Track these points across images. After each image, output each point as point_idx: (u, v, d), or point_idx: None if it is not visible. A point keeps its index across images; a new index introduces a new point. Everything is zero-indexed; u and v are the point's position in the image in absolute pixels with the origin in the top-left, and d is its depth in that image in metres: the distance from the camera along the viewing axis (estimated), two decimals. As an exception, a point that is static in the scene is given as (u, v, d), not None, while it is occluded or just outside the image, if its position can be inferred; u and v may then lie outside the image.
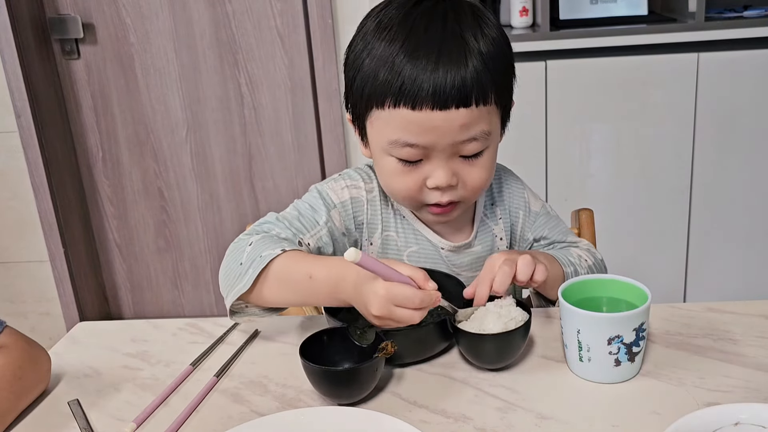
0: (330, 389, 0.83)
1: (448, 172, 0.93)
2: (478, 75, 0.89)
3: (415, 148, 0.92)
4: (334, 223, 1.03)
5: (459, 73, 0.88)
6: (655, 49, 2.11)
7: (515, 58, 0.99)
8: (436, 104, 0.88)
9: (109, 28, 2.34)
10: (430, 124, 0.89)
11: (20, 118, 2.28)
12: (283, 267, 0.90)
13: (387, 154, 0.95)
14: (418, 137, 0.91)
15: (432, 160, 0.94)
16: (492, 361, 0.87)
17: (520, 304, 0.90)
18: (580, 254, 1.09)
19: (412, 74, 0.88)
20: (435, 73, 0.87)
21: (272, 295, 0.92)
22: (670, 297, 2.30)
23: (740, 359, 0.87)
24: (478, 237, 1.09)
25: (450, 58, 0.88)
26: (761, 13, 2.15)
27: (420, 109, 0.88)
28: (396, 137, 0.92)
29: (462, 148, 0.93)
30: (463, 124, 0.90)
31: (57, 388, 0.91)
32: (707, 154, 2.17)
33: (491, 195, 1.12)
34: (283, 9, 2.28)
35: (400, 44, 0.89)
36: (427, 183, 0.95)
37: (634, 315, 0.81)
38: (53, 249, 2.43)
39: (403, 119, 0.90)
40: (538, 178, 2.22)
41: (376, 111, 0.93)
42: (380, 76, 0.90)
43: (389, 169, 0.96)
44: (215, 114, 2.40)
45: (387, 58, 0.89)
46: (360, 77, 0.93)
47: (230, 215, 2.51)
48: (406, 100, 0.88)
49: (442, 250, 1.07)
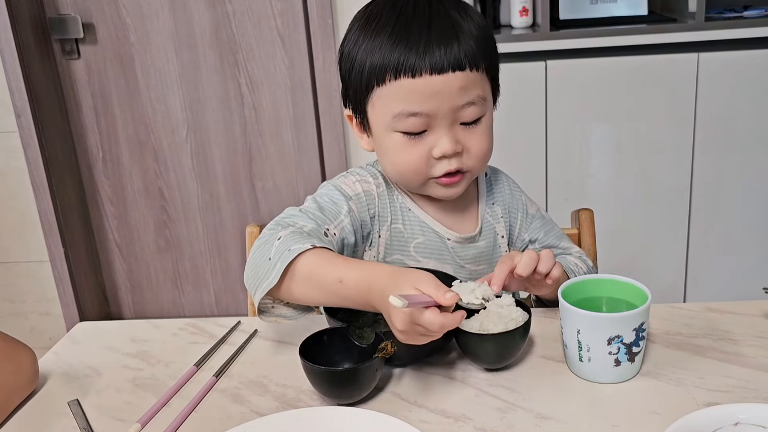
0: (330, 389, 0.83)
1: (451, 139, 0.97)
2: (467, 43, 0.95)
3: (418, 117, 0.95)
4: (354, 213, 1.04)
5: (451, 40, 0.94)
6: (655, 49, 2.11)
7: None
8: (434, 69, 0.93)
9: (109, 28, 2.34)
10: (430, 90, 0.94)
11: (20, 118, 2.28)
12: (313, 265, 0.88)
13: (391, 131, 0.98)
14: (420, 105, 0.94)
15: (435, 130, 0.97)
16: (492, 361, 0.87)
17: (520, 304, 0.90)
18: (576, 262, 1.11)
19: (408, 47, 0.94)
20: (429, 44, 0.93)
21: (301, 292, 0.90)
22: (670, 297, 2.30)
23: (740, 359, 0.87)
24: (482, 233, 1.10)
25: (440, 30, 0.94)
26: (761, 13, 2.15)
27: (420, 76, 0.93)
28: (400, 109, 0.95)
29: (461, 113, 0.97)
30: (461, 86, 0.95)
31: (57, 388, 0.91)
32: (707, 154, 2.17)
33: (492, 195, 1.13)
34: (283, 9, 2.28)
35: (392, 27, 0.95)
36: (433, 153, 0.98)
37: (634, 315, 0.81)
38: (53, 249, 2.43)
39: (404, 90, 0.94)
40: (538, 178, 2.22)
41: (377, 90, 0.97)
42: (377, 56, 0.95)
43: (394, 145, 0.99)
44: (215, 114, 2.40)
45: (381, 40, 0.95)
46: (357, 64, 0.98)
47: (230, 215, 2.51)
48: (406, 70, 0.93)
49: (448, 241, 1.08)
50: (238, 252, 2.53)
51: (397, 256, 1.07)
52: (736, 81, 2.11)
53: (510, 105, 2.17)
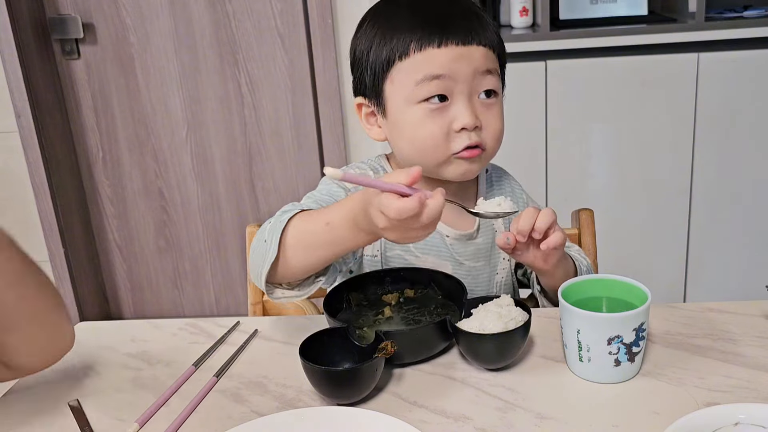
0: (330, 389, 0.83)
1: (472, 111, 0.98)
2: (486, 27, 1.00)
3: (442, 80, 0.97)
4: None
5: (471, 21, 0.99)
6: (655, 49, 2.11)
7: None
8: (458, 40, 0.97)
9: (109, 28, 2.34)
10: (455, 54, 0.97)
11: (20, 118, 2.28)
12: (300, 225, 0.90)
13: (412, 105, 0.99)
14: (444, 67, 0.97)
15: (456, 101, 0.98)
16: (492, 361, 0.87)
17: (519, 304, 0.90)
18: (576, 255, 1.11)
19: (431, 21, 0.97)
20: (453, 19, 0.98)
21: (299, 258, 0.90)
22: (670, 297, 2.30)
23: (740, 359, 0.87)
24: (480, 229, 1.11)
25: (461, 11, 0.99)
26: (761, 13, 2.15)
27: (445, 45, 0.97)
28: (423, 74, 0.97)
29: (481, 82, 0.99)
30: (483, 55, 0.99)
31: (57, 388, 0.91)
32: (707, 154, 2.17)
33: (492, 191, 1.14)
34: (283, 9, 2.28)
35: (414, 7, 1.00)
36: (453, 126, 0.99)
37: (634, 315, 0.81)
38: (53, 249, 2.43)
39: (428, 58, 0.97)
40: (538, 178, 2.22)
41: (398, 64, 0.98)
42: (397, 33, 0.98)
43: (414, 120, 0.99)
44: (215, 114, 2.40)
45: (401, 19, 0.99)
46: (376, 44, 1.00)
47: (230, 215, 2.51)
48: (431, 39, 0.96)
49: (447, 237, 1.08)
50: (238, 252, 2.52)
51: (397, 251, 1.08)
52: (736, 81, 2.11)
53: (510, 105, 2.17)
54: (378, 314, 0.97)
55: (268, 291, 0.95)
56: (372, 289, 1.02)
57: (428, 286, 1.01)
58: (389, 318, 0.96)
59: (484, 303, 0.91)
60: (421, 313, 0.97)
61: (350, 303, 0.99)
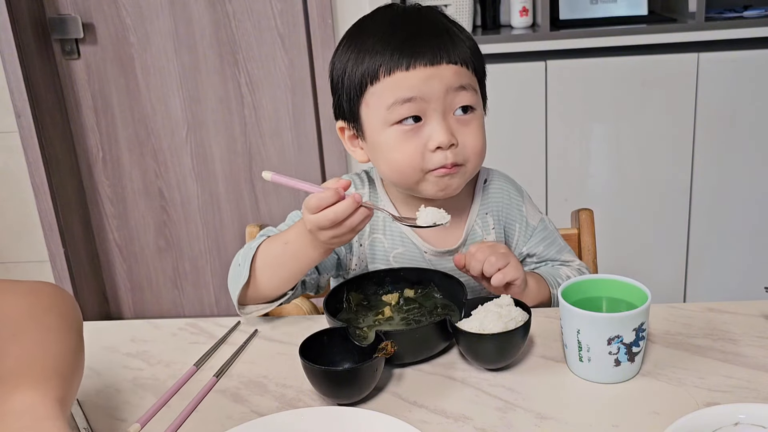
0: (330, 389, 0.83)
1: (446, 130, 0.98)
2: (458, 40, 0.99)
3: (413, 102, 0.97)
4: None
5: (442, 38, 0.98)
6: (655, 49, 2.11)
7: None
8: (427, 61, 0.96)
9: (109, 28, 2.34)
10: (424, 76, 0.96)
11: (20, 118, 2.28)
12: (266, 249, 0.99)
13: (386, 126, 0.99)
14: (414, 90, 0.96)
15: (429, 121, 0.98)
16: (492, 361, 0.87)
17: (520, 304, 0.90)
18: (569, 274, 1.10)
19: (400, 45, 0.96)
20: (421, 40, 0.97)
21: (267, 278, 0.98)
22: (670, 297, 2.30)
23: (740, 359, 0.87)
24: (467, 244, 1.09)
25: (431, 30, 0.98)
26: (761, 13, 2.15)
27: (414, 68, 0.96)
28: (394, 98, 0.97)
29: (455, 99, 0.98)
30: (455, 72, 0.98)
31: (57, 388, 0.91)
32: (707, 154, 2.17)
33: (487, 204, 1.11)
34: (283, 9, 2.28)
35: (383, 30, 0.99)
36: (428, 145, 0.98)
37: (634, 315, 0.81)
38: (53, 249, 2.43)
39: (398, 81, 0.97)
40: (538, 178, 2.22)
41: (370, 89, 0.98)
42: (368, 57, 0.98)
43: (390, 141, 0.99)
44: (215, 114, 2.40)
45: (372, 43, 0.98)
46: (349, 68, 1.00)
47: (230, 215, 2.51)
48: (399, 63, 0.96)
49: (425, 254, 1.08)
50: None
51: (378, 264, 1.08)
52: (736, 81, 2.11)
53: (510, 105, 2.19)
54: (378, 314, 0.97)
55: (240, 309, 1.02)
56: (372, 289, 1.02)
57: (428, 286, 1.01)
58: (389, 318, 0.96)
59: (484, 303, 0.91)
60: (421, 313, 0.97)
61: (350, 303, 0.99)
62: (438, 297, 1.00)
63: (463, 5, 2.21)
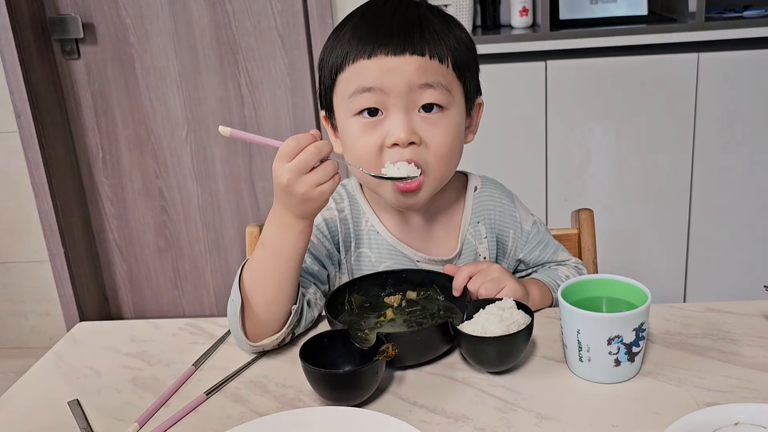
0: (330, 392, 0.82)
1: (406, 125, 0.94)
2: (432, 33, 0.94)
3: (372, 92, 0.94)
4: (314, 244, 1.05)
5: (413, 30, 0.94)
6: (655, 49, 2.11)
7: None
8: (389, 51, 0.93)
9: (109, 28, 2.34)
10: (385, 67, 0.93)
11: (20, 118, 2.28)
12: (248, 266, 0.95)
13: (350, 116, 0.97)
14: (374, 80, 0.94)
15: (391, 114, 0.95)
16: (494, 364, 0.87)
17: (522, 306, 0.90)
18: (567, 274, 1.10)
19: (366, 32, 0.94)
20: (389, 29, 0.93)
21: (259, 293, 0.92)
22: (670, 297, 2.30)
23: (740, 359, 0.87)
24: (462, 255, 1.08)
25: (403, 19, 0.95)
26: (761, 13, 2.15)
27: (375, 56, 0.93)
28: (355, 86, 0.95)
29: (419, 96, 0.94)
30: (418, 66, 0.93)
31: (57, 388, 0.91)
32: (707, 154, 2.17)
33: (479, 212, 1.10)
34: (283, 9, 2.28)
35: (359, 18, 0.97)
36: (386, 141, 0.95)
37: (634, 315, 0.81)
38: (53, 249, 2.43)
39: (360, 70, 0.94)
40: (538, 178, 2.22)
41: (339, 77, 0.97)
42: (339, 45, 0.97)
43: (353, 131, 0.98)
44: (215, 114, 2.40)
45: (345, 31, 0.97)
46: (325, 57, 1.00)
47: (230, 215, 2.51)
48: (362, 52, 0.94)
49: (418, 263, 1.06)
50: (238, 252, 2.52)
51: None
52: (736, 81, 2.11)
53: (510, 105, 2.19)
54: (380, 316, 0.97)
55: (252, 346, 0.93)
56: (374, 291, 1.01)
57: (430, 288, 1.01)
58: (391, 320, 0.96)
59: (486, 306, 0.90)
60: (423, 315, 0.96)
61: (352, 305, 0.99)
62: (440, 299, 1.00)
63: (463, 5, 2.21)
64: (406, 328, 0.94)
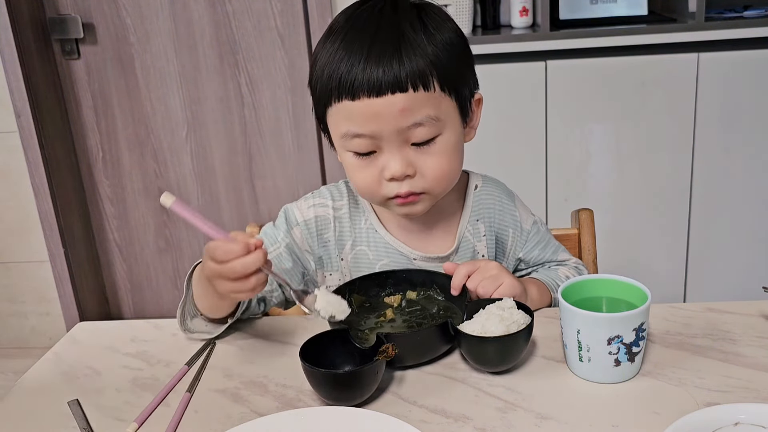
0: (330, 392, 0.82)
1: (401, 161, 0.94)
2: (412, 62, 0.90)
3: (363, 138, 0.93)
4: (294, 239, 1.06)
5: (393, 59, 0.89)
6: (655, 49, 2.11)
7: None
8: (372, 91, 0.89)
9: (109, 28, 2.34)
10: (370, 111, 0.91)
11: (20, 118, 2.28)
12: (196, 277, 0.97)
13: (344, 150, 0.97)
14: (362, 126, 0.92)
15: (385, 150, 0.94)
16: (494, 364, 0.87)
17: (522, 306, 0.90)
18: (567, 274, 1.10)
19: (347, 66, 0.90)
20: (368, 62, 0.89)
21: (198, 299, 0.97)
22: (670, 297, 2.30)
23: (740, 359, 0.87)
24: (459, 252, 1.08)
25: (383, 46, 0.90)
26: (761, 13, 2.15)
27: (359, 98, 0.90)
28: (345, 130, 0.94)
29: (410, 134, 0.93)
30: (403, 108, 0.90)
31: (57, 388, 0.91)
32: (707, 154, 2.17)
33: (478, 210, 1.10)
34: (283, 9, 2.28)
35: (340, 41, 0.92)
36: (384, 174, 0.95)
37: (634, 315, 0.81)
38: (53, 249, 2.43)
39: (346, 111, 0.92)
40: (539, 178, 2.22)
41: (328, 109, 0.96)
42: (325, 75, 0.93)
43: (349, 164, 0.98)
44: (215, 114, 2.40)
45: (330, 58, 0.93)
46: (314, 80, 0.97)
47: (230, 215, 2.51)
48: (345, 91, 0.91)
49: (414, 260, 1.06)
50: (238, 252, 2.52)
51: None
52: (736, 81, 2.11)
53: (510, 105, 2.19)
54: (380, 316, 0.96)
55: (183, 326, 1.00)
56: (374, 290, 1.01)
57: (430, 288, 1.01)
58: (391, 320, 0.96)
59: (486, 306, 0.90)
60: (423, 315, 0.96)
61: (352, 305, 0.99)
62: (440, 299, 0.99)
63: (463, 5, 2.21)
64: (406, 328, 0.94)
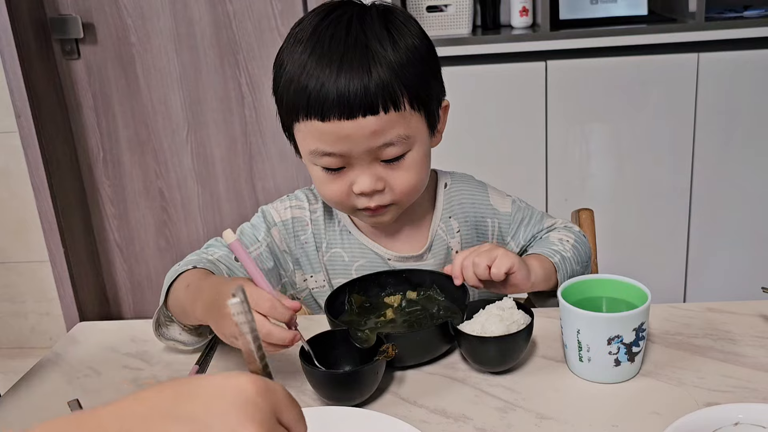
0: (330, 392, 0.82)
1: (371, 177, 0.94)
2: (383, 82, 0.89)
3: (333, 157, 0.93)
4: (273, 239, 1.06)
5: (362, 81, 0.88)
6: (655, 49, 2.11)
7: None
8: (342, 114, 0.89)
9: (109, 28, 2.34)
10: (341, 133, 0.90)
11: (20, 118, 2.28)
12: (182, 280, 0.92)
13: (312, 164, 0.97)
14: (332, 146, 0.92)
15: (354, 166, 0.94)
16: (494, 364, 0.87)
17: (522, 306, 0.90)
18: (560, 237, 1.08)
19: (317, 86, 0.89)
20: (338, 83, 0.88)
21: (174, 309, 0.93)
22: (670, 297, 2.30)
23: (740, 359, 0.87)
24: (431, 250, 1.08)
25: (352, 66, 0.88)
26: (761, 13, 2.15)
27: (329, 120, 0.89)
28: (314, 147, 0.93)
29: (380, 153, 0.93)
30: (374, 131, 0.90)
31: (57, 388, 0.91)
32: (707, 154, 2.17)
33: (450, 208, 1.10)
34: (284, 9, 2.28)
35: (307, 56, 0.91)
36: (353, 189, 0.96)
37: (634, 315, 0.81)
38: (53, 249, 2.43)
39: (316, 130, 0.91)
40: (539, 178, 2.22)
41: (296, 124, 0.95)
42: (292, 91, 0.92)
43: (317, 177, 0.98)
44: (216, 114, 2.40)
45: (297, 73, 0.91)
46: (280, 92, 0.96)
47: (231, 215, 2.51)
48: (315, 112, 0.90)
49: (389, 261, 1.07)
50: (238, 252, 2.52)
51: (340, 279, 1.06)
52: (736, 81, 2.10)
53: (510, 105, 2.19)
54: (380, 316, 0.97)
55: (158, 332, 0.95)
56: (374, 291, 1.01)
57: (430, 288, 1.01)
58: (391, 320, 0.95)
59: (486, 306, 0.90)
60: (423, 315, 0.96)
61: (352, 305, 0.99)
62: (440, 299, 0.99)
63: (463, 5, 2.21)
64: (406, 328, 0.94)
